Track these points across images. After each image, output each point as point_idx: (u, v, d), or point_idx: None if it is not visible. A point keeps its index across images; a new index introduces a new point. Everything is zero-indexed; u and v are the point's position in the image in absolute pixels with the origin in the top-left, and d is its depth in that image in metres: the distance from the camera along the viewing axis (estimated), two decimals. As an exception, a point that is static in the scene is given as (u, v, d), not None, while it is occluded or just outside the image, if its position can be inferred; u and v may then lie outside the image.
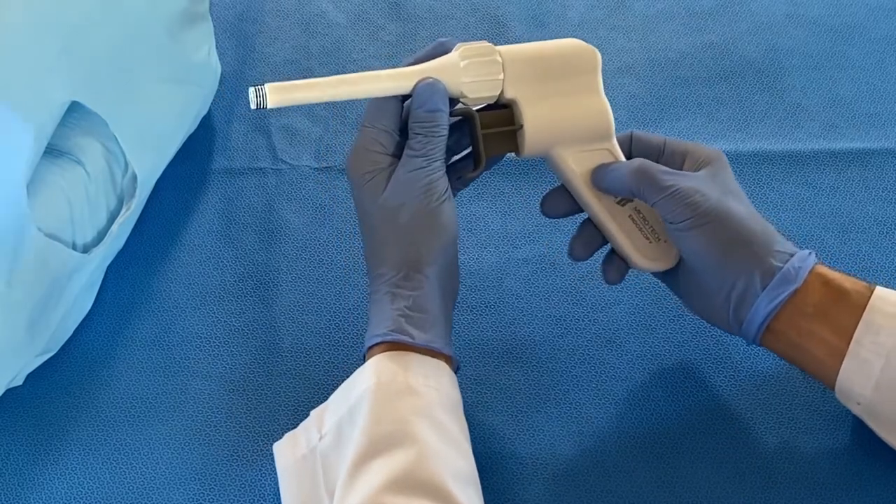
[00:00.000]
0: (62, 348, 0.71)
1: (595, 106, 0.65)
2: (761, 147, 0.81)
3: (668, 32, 0.87)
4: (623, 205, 0.65)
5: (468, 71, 0.63)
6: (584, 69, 0.66)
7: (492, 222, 0.78)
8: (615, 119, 0.83)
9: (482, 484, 0.59)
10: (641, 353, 0.71)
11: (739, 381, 0.70)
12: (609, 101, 0.84)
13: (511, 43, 0.86)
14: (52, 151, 0.67)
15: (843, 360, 0.59)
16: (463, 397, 0.62)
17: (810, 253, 0.62)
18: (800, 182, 0.79)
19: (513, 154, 0.65)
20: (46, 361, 0.70)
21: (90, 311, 0.73)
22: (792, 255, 0.61)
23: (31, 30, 0.63)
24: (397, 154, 0.62)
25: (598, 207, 0.65)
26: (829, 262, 0.74)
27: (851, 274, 0.61)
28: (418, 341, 0.59)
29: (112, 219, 0.71)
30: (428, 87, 0.61)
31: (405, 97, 0.63)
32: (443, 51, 0.63)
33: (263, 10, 0.89)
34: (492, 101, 0.64)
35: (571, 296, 0.73)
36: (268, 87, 0.60)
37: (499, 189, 0.79)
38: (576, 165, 0.64)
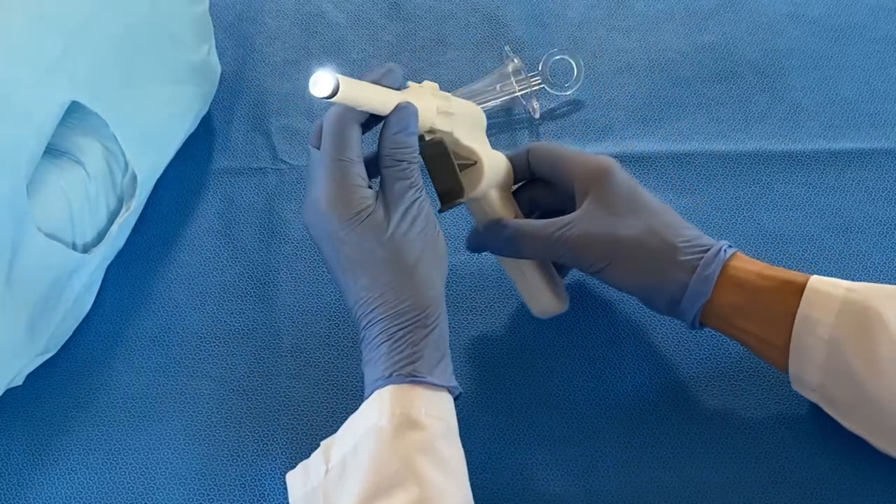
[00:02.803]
0: (62, 348, 0.71)
1: (500, 156, 0.68)
2: (761, 147, 0.81)
3: (668, 32, 0.87)
4: None
5: (438, 103, 0.63)
6: (482, 125, 0.68)
7: (492, 222, 0.78)
8: (615, 119, 0.84)
9: (483, 484, 0.59)
10: (641, 353, 0.71)
11: (739, 382, 0.70)
12: (609, 100, 0.85)
13: (513, 43, 0.86)
14: (52, 151, 0.67)
15: (776, 349, 0.61)
16: (463, 397, 0.62)
17: (721, 249, 0.62)
18: (800, 182, 0.79)
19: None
20: (46, 361, 0.70)
21: (90, 311, 0.73)
22: (701, 257, 0.62)
23: (32, 30, 0.63)
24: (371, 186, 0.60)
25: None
26: (829, 262, 0.74)
27: (773, 263, 0.63)
28: (440, 382, 0.58)
29: (112, 219, 0.71)
30: (409, 111, 0.59)
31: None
32: (392, 77, 0.60)
33: (263, 10, 0.89)
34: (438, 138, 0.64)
35: (571, 296, 0.73)
36: (341, 80, 0.55)
37: (499, 189, 0.79)
38: (500, 208, 0.67)
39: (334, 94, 0.54)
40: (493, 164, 0.66)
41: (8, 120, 0.61)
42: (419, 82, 0.63)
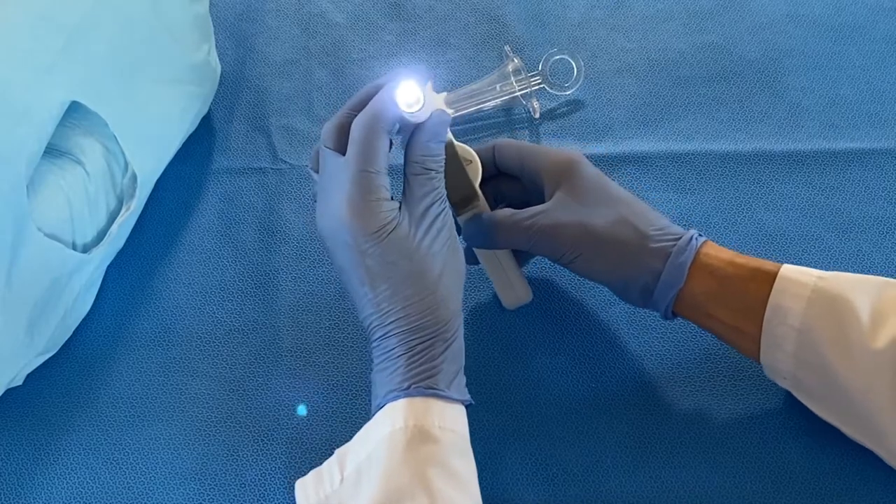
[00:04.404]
0: (62, 348, 0.71)
1: (469, 149, 0.67)
2: (761, 147, 0.81)
3: (668, 32, 0.87)
4: None
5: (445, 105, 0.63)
6: None
7: (492, 222, 0.78)
8: (615, 119, 0.84)
9: (483, 485, 0.59)
10: (641, 353, 0.71)
11: (739, 382, 0.70)
12: (609, 100, 0.85)
13: (513, 43, 0.86)
14: (52, 151, 0.67)
15: (749, 338, 0.62)
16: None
17: (692, 237, 0.63)
18: (800, 182, 0.79)
19: None
20: (46, 361, 0.70)
21: (90, 311, 0.73)
22: (673, 245, 0.62)
23: (31, 30, 0.63)
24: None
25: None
26: (829, 262, 0.74)
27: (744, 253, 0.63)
28: (457, 396, 0.58)
29: (112, 219, 0.71)
30: (443, 119, 0.59)
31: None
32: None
33: (263, 10, 0.89)
34: None
35: (571, 296, 0.73)
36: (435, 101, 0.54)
37: (499, 189, 0.79)
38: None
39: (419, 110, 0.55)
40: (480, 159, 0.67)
41: (8, 120, 0.61)
42: None
